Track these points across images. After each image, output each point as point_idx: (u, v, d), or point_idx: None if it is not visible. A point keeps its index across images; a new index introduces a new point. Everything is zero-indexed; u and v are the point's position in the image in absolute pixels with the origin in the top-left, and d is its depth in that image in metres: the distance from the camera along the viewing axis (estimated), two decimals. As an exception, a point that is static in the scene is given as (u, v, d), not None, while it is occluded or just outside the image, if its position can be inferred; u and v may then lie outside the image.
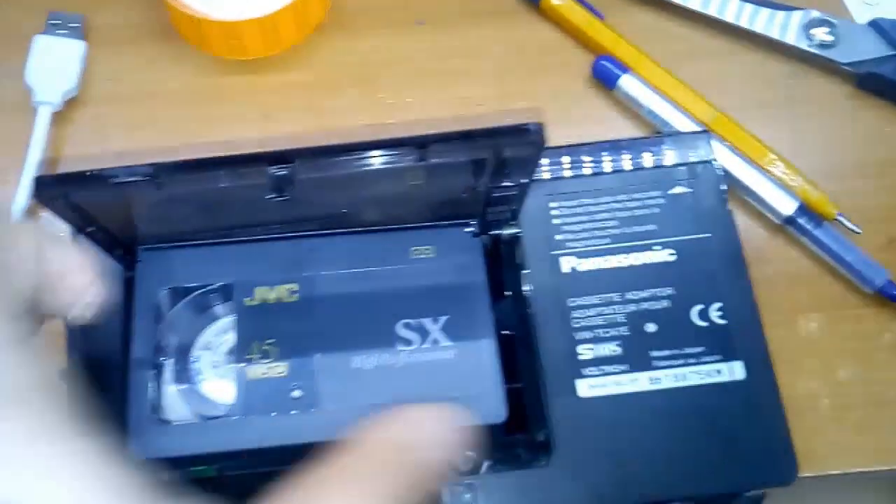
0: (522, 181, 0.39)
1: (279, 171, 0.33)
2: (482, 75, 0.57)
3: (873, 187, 0.53)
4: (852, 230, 0.50)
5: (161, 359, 0.42)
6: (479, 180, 0.39)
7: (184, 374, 0.42)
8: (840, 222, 0.51)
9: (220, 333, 0.43)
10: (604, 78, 0.55)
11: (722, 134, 0.53)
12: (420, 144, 0.33)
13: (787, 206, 0.50)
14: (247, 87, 0.56)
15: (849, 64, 0.55)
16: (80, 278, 0.35)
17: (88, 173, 0.33)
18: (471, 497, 0.39)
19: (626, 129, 0.55)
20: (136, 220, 0.40)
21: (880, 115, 0.55)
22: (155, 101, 0.56)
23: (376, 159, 0.33)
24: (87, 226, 0.38)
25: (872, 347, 0.49)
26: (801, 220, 0.50)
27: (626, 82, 0.54)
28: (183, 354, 0.42)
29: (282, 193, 0.34)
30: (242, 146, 0.52)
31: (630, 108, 0.54)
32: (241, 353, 0.41)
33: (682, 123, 0.52)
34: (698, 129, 0.52)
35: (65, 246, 0.35)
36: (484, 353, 0.41)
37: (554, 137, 0.52)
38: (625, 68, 0.54)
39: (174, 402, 0.41)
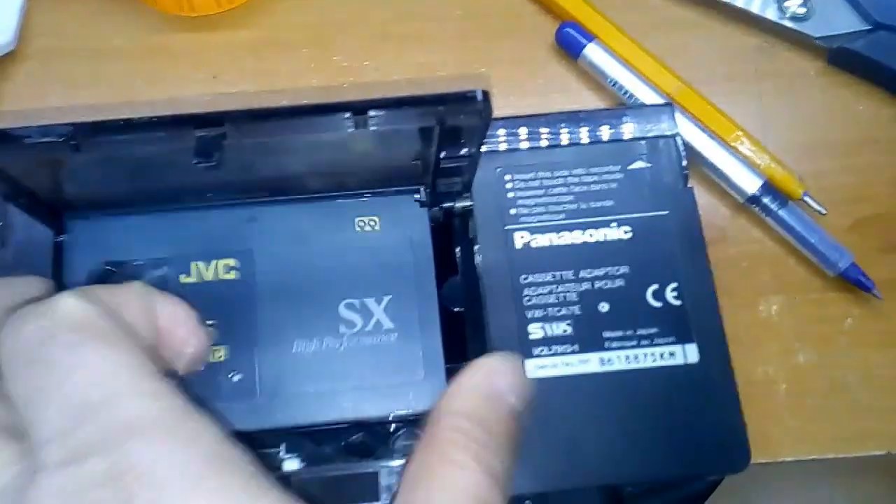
0: (472, 151, 0.38)
1: (207, 134, 0.32)
2: (442, 40, 0.55)
3: (841, 167, 0.53)
4: (818, 211, 0.50)
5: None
6: (427, 149, 0.38)
7: None
8: (806, 202, 0.50)
9: None
10: (568, 46, 0.54)
11: (687, 108, 0.52)
12: (358, 110, 0.32)
13: (751, 185, 0.50)
14: (195, 46, 0.55)
15: (821, 38, 0.54)
16: (181, 331, 0.34)
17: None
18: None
19: (589, 99, 0.54)
20: (61, 182, 0.39)
21: (851, 92, 0.54)
22: (98, 58, 0.54)
23: (312, 125, 0.32)
24: (9, 189, 0.37)
25: (833, 332, 0.49)
26: (766, 200, 0.49)
27: (591, 51, 0.53)
28: None
29: (209, 159, 0.33)
30: (189, 107, 0.52)
31: (594, 77, 0.53)
32: None
33: (647, 95, 0.52)
34: (662, 101, 0.51)
35: (163, 298, 0.34)
36: (427, 338, 0.41)
37: (515, 106, 0.52)
38: (590, 36, 0.53)
39: None
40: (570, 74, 0.54)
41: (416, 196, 0.43)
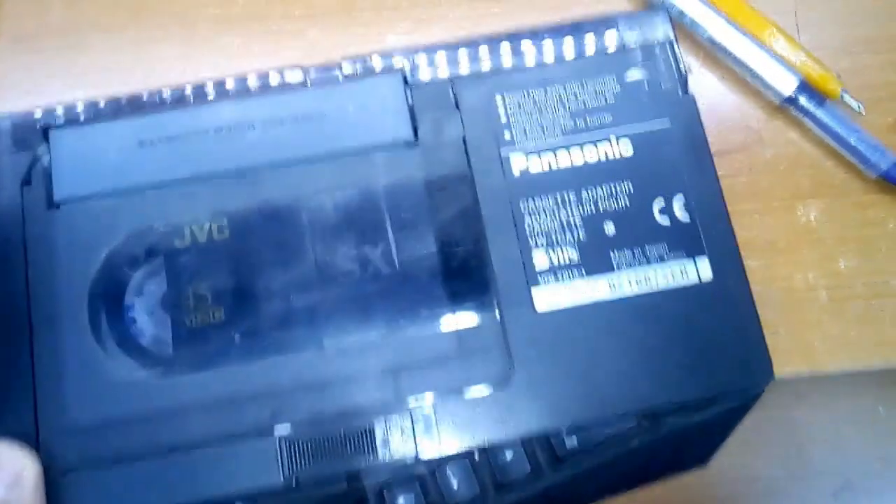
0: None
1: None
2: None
3: (881, 64, 0.53)
4: (857, 110, 0.50)
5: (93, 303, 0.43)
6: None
7: (118, 323, 0.43)
8: (844, 102, 0.51)
9: (151, 275, 0.44)
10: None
11: (718, 4, 0.52)
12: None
13: (787, 84, 0.50)
14: None
15: (856, -74, 0.53)
16: None
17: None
18: (423, 425, 0.41)
19: (614, 1, 0.54)
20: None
21: (890, -18, 0.54)
22: None
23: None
24: None
25: (875, 236, 0.50)
26: (802, 99, 0.50)
27: (614, -52, 0.53)
28: (116, 300, 0.43)
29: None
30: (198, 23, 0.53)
31: (620, -22, 0.54)
32: (174, 299, 0.43)
33: (675, -6, 0.52)
34: (665, 5, 0.51)
35: None
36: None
37: (535, 9, 0.53)
38: (612, -70, 0.54)
39: (113, 354, 0.42)
40: (594, -25, 0.55)
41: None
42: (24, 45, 0.53)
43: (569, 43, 0.46)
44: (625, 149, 0.44)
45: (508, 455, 0.45)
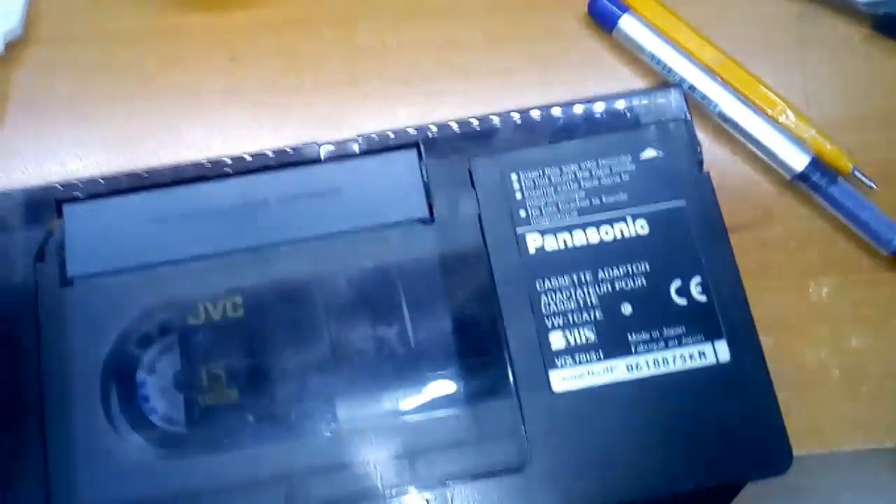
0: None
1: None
2: (469, 14, 0.56)
3: (889, 139, 0.53)
4: (868, 186, 0.51)
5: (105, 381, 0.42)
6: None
7: (131, 403, 0.43)
8: (855, 177, 0.51)
9: (164, 353, 0.43)
10: (601, 17, 0.55)
11: (729, 80, 0.53)
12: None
13: (798, 161, 0.51)
14: (210, 27, 0.56)
15: (865, 4, 0.54)
16: None
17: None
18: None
19: (624, 75, 0.55)
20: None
21: (899, 59, 0.55)
22: (108, 42, 0.55)
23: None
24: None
25: (888, 314, 0.50)
26: (814, 176, 0.50)
27: (626, 23, 0.54)
28: (128, 378, 0.43)
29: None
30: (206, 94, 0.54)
31: (629, 50, 0.55)
32: (187, 378, 0.43)
33: (686, 69, 0.53)
34: (701, 73, 0.52)
35: None
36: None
37: (545, 83, 0.54)
38: (624, 7, 0.54)
39: (125, 434, 0.42)
40: (604, 48, 0.55)
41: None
42: (33, 116, 0.53)
43: (583, 120, 0.46)
44: (641, 228, 0.44)
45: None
